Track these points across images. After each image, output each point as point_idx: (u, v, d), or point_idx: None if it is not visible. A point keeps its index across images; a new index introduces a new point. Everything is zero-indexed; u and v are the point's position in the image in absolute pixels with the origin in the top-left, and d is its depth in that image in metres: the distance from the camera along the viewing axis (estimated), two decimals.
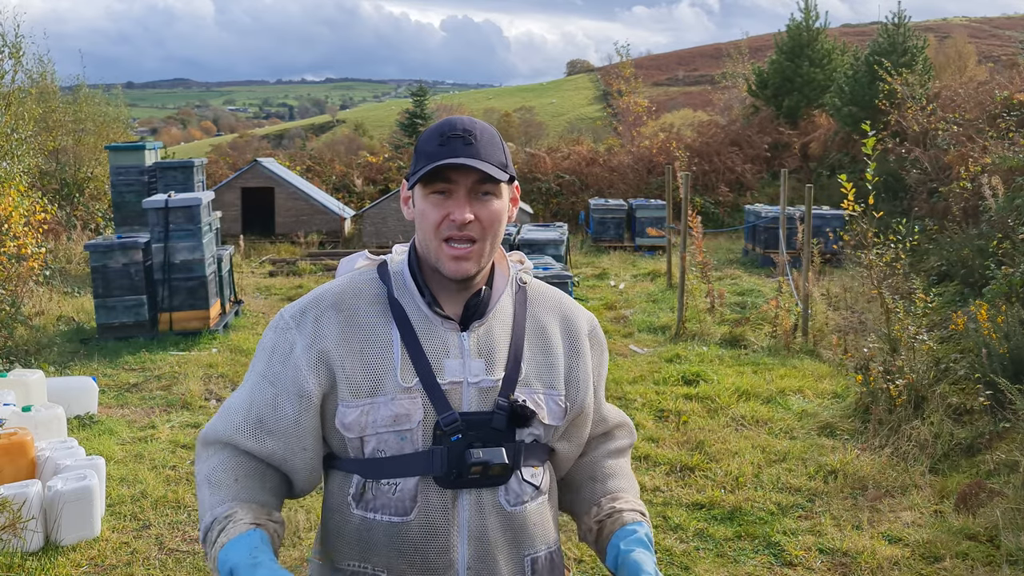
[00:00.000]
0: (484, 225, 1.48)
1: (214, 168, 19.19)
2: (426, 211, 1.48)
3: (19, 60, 11.75)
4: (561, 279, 8.07)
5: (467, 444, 1.46)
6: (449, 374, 1.49)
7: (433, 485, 1.48)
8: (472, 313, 1.53)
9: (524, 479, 1.54)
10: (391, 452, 1.48)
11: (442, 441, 1.46)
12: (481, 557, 1.50)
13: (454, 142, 1.45)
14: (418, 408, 1.47)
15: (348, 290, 1.56)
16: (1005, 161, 9.23)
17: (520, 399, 1.50)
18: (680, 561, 3.99)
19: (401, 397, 1.47)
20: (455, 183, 1.46)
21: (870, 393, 5.76)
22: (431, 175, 1.46)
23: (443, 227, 1.47)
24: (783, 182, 9.61)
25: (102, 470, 4.48)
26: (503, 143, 1.53)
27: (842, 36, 27.42)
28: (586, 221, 16.90)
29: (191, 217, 8.40)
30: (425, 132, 1.52)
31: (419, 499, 1.48)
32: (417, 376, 1.47)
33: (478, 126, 1.49)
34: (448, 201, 1.47)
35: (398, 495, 1.48)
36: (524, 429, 1.52)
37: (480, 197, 1.48)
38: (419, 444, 1.47)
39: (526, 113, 50.38)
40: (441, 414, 1.47)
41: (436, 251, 1.49)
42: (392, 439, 1.48)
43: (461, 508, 1.49)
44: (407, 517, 1.48)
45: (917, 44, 17.80)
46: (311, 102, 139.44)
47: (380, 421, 1.47)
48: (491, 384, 1.50)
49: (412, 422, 1.47)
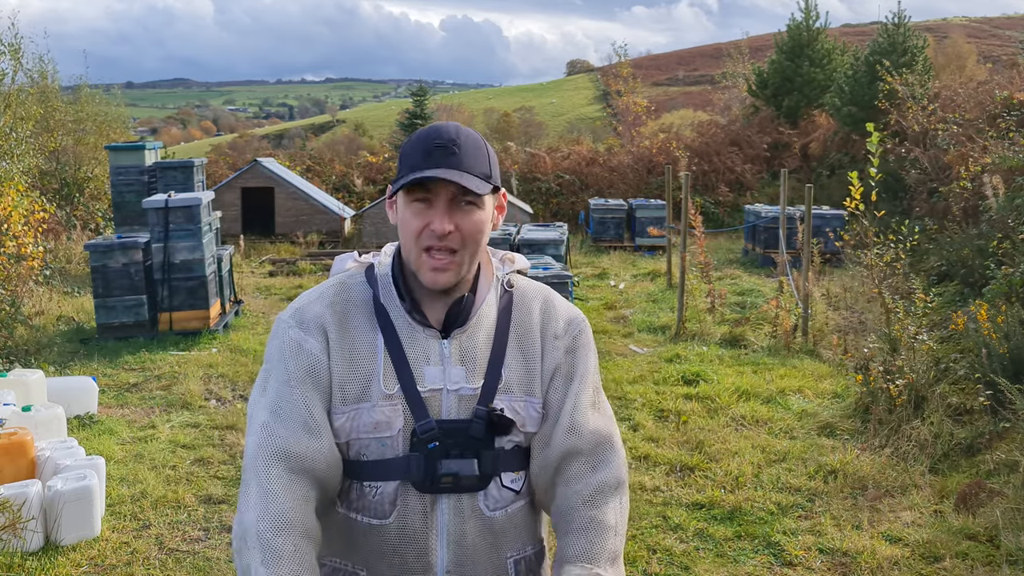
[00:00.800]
0: (464, 235, 1.47)
1: (214, 168, 19.18)
2: (407, 219, 1.48)
3: (18, 60, 11.75)
4: (561, 279, 8.07)
5: (444, 452, 1.46)
6: (429, 381, 1.49)
7: (412, 490, 1.48)
8: (454, 320, 1.53)
9: (504, 484, 1.53)
10: (373, 457, 1.49)
11: (419, 448, 1.47)
12: (461, 561, 1.50)
13: (437, 152, 1.45)
14: (398, 415, 1.48)
15: (340, 293, 1.56)
16: (1005, 161, 9.23)
17: (499, 408, 1.50)
18: (680, 561, 3.99)
19: (383, 404, 1.48)
20: (436, 194, 1.46)
21: (870, 393, 5.76)
22: (413, 183, 1.45)
23: (423, 236, 1.47)
24: (783, 182, 9.62)
25: (102, 470, 4.48)
26: (489, 151, 1.52)
27: (842, 36, 27.43)
28: (586, 221, 16.90)
29: (191, 217, 8.40)
30: (410, 138, 1.51)
31: (398, 503, 1.49)
32: (399, 383, 1.48)
33: (463, 135, 1.48)
34: (429, 211, 1.47)
35: (378, 498, 1.49)
36: (503, 437, 1.51)
37: (462, 207, 1.47)
38: (399, 450, 1.48)
39: (526, 113, 50.34)
40: (419, 422, 1.47)
41: (416, 260, 1.49)
42: (374, 444, 1.48)
43: (440, 513, 1.49)
44: (386, 520, 1.49)
45: (917, 44, 17.80)
46: (311, 102, 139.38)
47: (363, 427, 1.48)
48: (471, 392, 1.50)
49: (392, 429, 1.48)
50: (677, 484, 4.88)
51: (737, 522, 4.38)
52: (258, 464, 1.43)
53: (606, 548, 1.50)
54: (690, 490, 4.78)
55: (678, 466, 5.13)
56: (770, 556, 4.06)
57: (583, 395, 1.57)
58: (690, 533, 4.27)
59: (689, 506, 4.58)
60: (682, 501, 4.64)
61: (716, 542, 4.19)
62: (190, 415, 6.16)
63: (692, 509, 4.55)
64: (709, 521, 4.40)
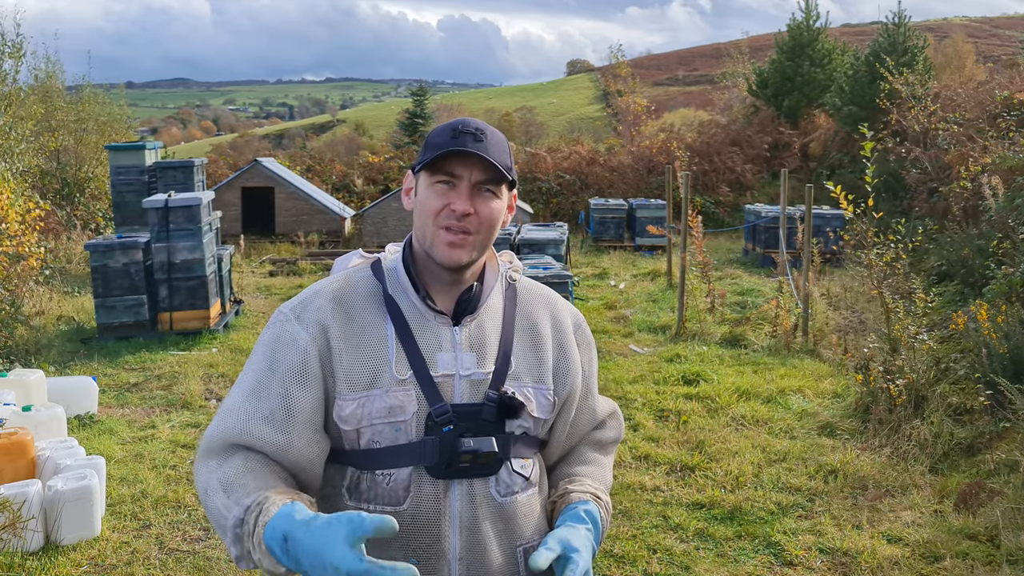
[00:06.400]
0: (482, 220, 1.52)
1: (214, 168, 19.19)
2: (428, 198, 1.52)
3: (20, 60, 11.75)
4: (561, 279, 8.07)
5: (458, 434, 1.49)
6: (441, 367, 1.52)
7: (426, 475, 1.50)
8: (464, 308, 1.57)
9: (514, 470, 1.56)
10: (386, 443, 1.51)
11: (434, 432, 1.49)
12: (472, 547, 1.52)
13: (465, 136, 1.50)
14: (412, 400, 1.50)
15: (345, 286, 1.58)
16: (1005, 161, 9.23)
17: (509, 391, 1.54)
18: (680, 561, 3.99)
19: (396, 389, 1.50)
20: (460, 177, 1.51)
21: (870, 393, 5.76)
22: (439, 165, 1.50)
23: (442, 216, 1.51)
24: (783, 182, 9.61)
25: (102, 470, 4.48)
26: (510, 150, 1.59)
27: (842, 36, 27.45)
28: (586, 221, 16.90)
29: (191, 217, 8.40)
30: (437, 127, 1.57)
31: (412, 489, 1.50)
32: (411, 369, 1.51)
33: (489, 129, 1.55)
34: (451, 192, 1.51)
35: (391, 485, 1.51)
36: (514, 421, 1.55)
37: (482, 193, 1.52)
38: (412, 435, 1.50)
39: (526, 113, 50.35)
40: (433, 405, 1.50)
41: (432, 236, 1.52)
42: (387, 430, 1.50)
43: (453, 499, 1.51)
44: (400, 507, 1.50)
45: (917, 44, 17.80)
46: (311, 102, 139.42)
47: (376, 413, 1.50)
48: (482, 377, 1.54)
49: (406, 414, 1.50)
50: (677, 484, 4.88)
51: (737, 522, 4.38)
52: (214, 445, 1.50)
53: (606, 478, 1.72)
54: (690, 490, 4.78)
55: (678, 466, 5.13)
56: (770, 556, 4.06)
57: (591, 386, 1.72)
58: (690, 533, 4.27)
59: (689, 506, 4.58)
60: (682, 501, 4.64)
61: (716, 542, 4.19)
62: (190, 415, 6.16)
63: (692, 509, 4.55)
64: (709, 521, 4.40)
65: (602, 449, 1.77)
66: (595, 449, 1.75)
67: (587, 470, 1.70)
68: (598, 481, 1.69)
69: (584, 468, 1.70)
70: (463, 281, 1.58)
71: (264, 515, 1.34)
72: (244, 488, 1.42)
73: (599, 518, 1.58)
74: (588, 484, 1.65)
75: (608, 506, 1.65)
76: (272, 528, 1.30)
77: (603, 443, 1.77)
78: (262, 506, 1.36)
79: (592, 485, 1.66)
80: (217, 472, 1.46)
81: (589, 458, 1.73)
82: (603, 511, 1.61)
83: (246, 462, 1.46)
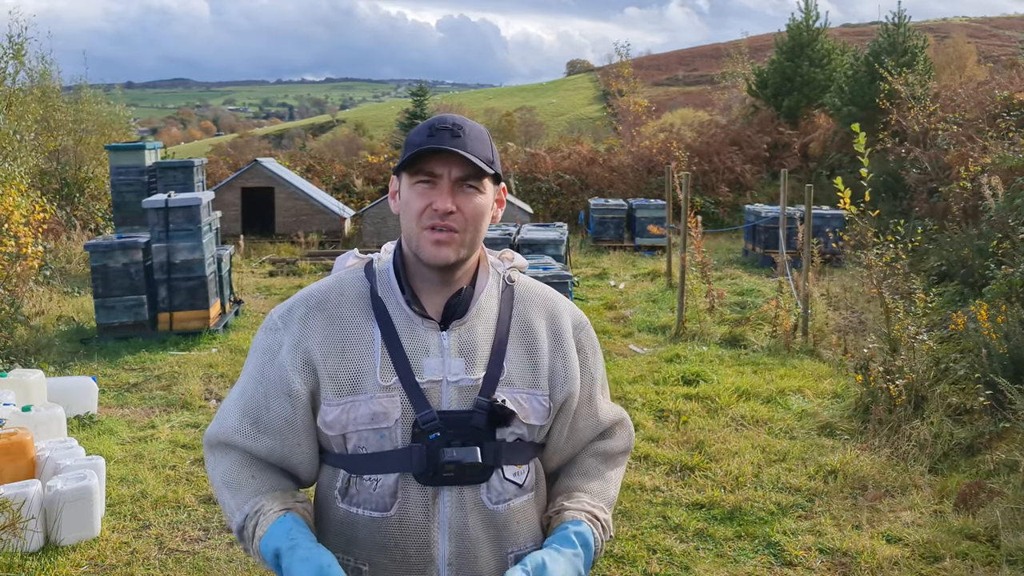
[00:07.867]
0: (467, 217, 1.50)
1: (214, 168, 19.18)
2: (410, 201, 1.51)
3: (21, 61, 11.75)
4: (561, 279, 8.07)
5: (445, 442, 1.48)
6: (428, 373, 1.50)
7: (413, 482, 1.49)
8: (453, 312, 1.54)
9: (506, 478, 1.54)
10: (372, 449, 1.50)
11: (420, 439, 1.48)
12: (462, 553, 1.51)
13: (442, 134, 1.48)
14: (396, 406, 1.49)
15: (334, 289, 1.58)
16: (1005, 161, 9.23)
17: (500, 399, 1.50)
18: (680, 561, 3.99)
19: (380, 395, 1.49)
20: (439, 175, 1.49)
21: (870, 393, 5.76)
22: (416, 165, 1.49)
23: (425, 216, 1.49)
24: (783, 182, 9.61)
25: (102, 470, 4.48)
26: (492, 144, 1.56)
27: (842, 36, 27.44)
28: (586, 221, 16.90)
29: (191, 217, 8.40)
30: (417, 126, 1.55)
31: (399, 495, 1.50)
32: (396, 375, 1.49)
33: (467, 123, 1.52)
34: (432, 191, 1.49)
35: (379, 491, 1.50)
36: (505, 428, 1.52)
37: (464, 190, 1.50)
38: (398, 442, 1.49)
39: (526, 113, 50.31)
40: (419, 412, 1.48)
41: (418, 237, 1.51)
42: (372, 436, 1.50)
43: (442, 505, 1.50)
44: (387, 513, 1.50)
45: (917, 44, 17.80)
46: (311, 102, 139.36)
47: (360, 419, 1.49)
48: (471, 383, 1.51)
49: (390, 420, 1.49)
50: (677, 484, 4.88)
51: (737, 522, 4.38)
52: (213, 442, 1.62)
53: (608, 494, 1.66)
54: (690, 490, 4.78)
55: (678, 466, 5.13)
56: (770, 556, 4.06)
57: (594, 391, 1.67)
58: (690, 533, 4.27)
59: (689, 506, 4.58)
60: (682, 501, 4.64)
61: (716, 542, 4.19)
62: (190, 415, 6.16)
63: (692, 509, 4.55)
64: (709, 521, 4.40)
65: (608, 461, 1.69)
66: (600, 461, 1.68)
67: (588, 485, 1.64)
68: (598, 498, 1.63)
69: (584, 483, 1.65)
70: (453, 282, 1.55)
71: (260, 528, 1.48)
72: (244, 490, 1.54)
73: (591, 540, 1.54)
74: (585, 502, 1.61)
75: (607, 524, 1.60)
76: (266, 545, 1.47)
77: (610, 454, 1.70)
78: (259, 516, 1.49)
79: (590, 503, 1.61)
80: (220, 466, 1.59)
81: (592, 471, 1.67)
82: (598, 531, 1.57)
83: (244, 458, 1.57)
